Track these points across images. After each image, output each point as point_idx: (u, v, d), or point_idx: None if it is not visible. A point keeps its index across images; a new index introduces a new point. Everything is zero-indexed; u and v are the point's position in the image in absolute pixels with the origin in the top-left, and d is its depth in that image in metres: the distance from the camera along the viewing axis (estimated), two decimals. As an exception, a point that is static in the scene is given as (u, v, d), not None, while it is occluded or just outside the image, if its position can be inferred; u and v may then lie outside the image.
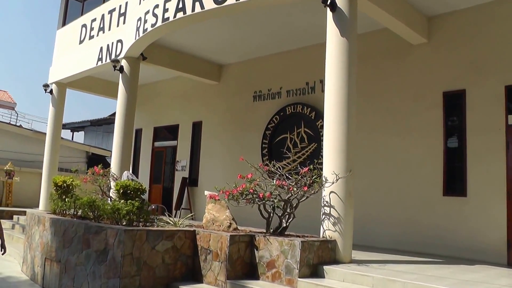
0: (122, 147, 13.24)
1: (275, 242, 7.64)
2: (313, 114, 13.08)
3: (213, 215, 8.99)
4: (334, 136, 8.33)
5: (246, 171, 14.56)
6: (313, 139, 13.07)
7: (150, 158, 18.74)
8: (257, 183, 7.94)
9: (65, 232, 8.32)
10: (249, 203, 7.97)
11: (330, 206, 8.14)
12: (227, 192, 7.78)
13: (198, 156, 16.67)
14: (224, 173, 15.29)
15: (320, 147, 12.78)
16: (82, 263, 7.76)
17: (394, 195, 11.38)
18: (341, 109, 8.37)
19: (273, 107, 14.18)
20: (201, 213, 12.90)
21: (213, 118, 16.22)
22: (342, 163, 8.23)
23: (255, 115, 14.71)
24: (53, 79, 17.43)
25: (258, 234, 8.12)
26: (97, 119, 27.93)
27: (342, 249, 8.09)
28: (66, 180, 10.02)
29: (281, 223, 8.38)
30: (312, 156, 12.82)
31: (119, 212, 7.88)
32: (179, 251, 7.91)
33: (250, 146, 14.61)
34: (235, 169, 14.44)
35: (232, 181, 14.78)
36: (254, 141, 14.50)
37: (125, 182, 8.18)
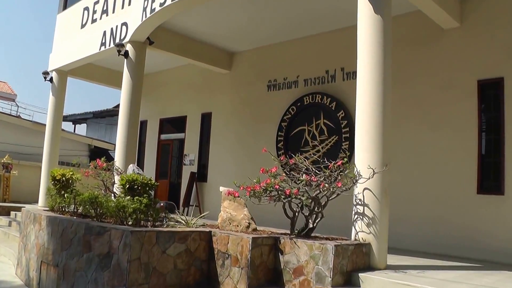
0: (127, 138, 12.31)
1: (303, 245, 6.68)
2: (333, 105, 12.10)
3: (229, 214, 8.02)
4: (369, 127, 7.38)
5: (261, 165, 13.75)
6: (333, 131, 12.09)
7: (156, 152, 17.81)
8: (283, 178, 6.95)
9: (64, 233, 7.36)
10: (273, 200, 7.00)
11: (364, 205, 7.19)
12: (249, 188, 6.80)
13: (207, 149, 15.71)
14: (235, 167, 14.37)
15: (341, 140, 11.82)
16: (83, 268, 6.79)
17: (422, 192, 10.41)
18: (376, 96, 7.44)
19: (290, 97, 13.21)
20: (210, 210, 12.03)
21: (224, 109, 15.25)
22: (378, 157, 7.29)
23: (270, 105, 13.74)
24: (53, 66, 16.48)
25: (283, 236, 7.15)
26: (100, 110, 26.93)
27: (377, 254, 7.16)
28: (65, 174, 9.06)
29: (307, 224, 7.42)
30: (333, 149, 11.87)
31: (125, 210, 6.92)
32: (193, 255, 6.95)
33: (264, 139, 13.65)
34: (247, 163, 13.64)
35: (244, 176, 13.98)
36: (268, 133, 13.55)
37: (132, 176, 7.21)
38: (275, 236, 7.07)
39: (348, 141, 11.59)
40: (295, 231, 7.46)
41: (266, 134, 13.64)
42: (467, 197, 9.92)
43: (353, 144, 11.39)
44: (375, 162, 7.21)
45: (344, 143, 11.70)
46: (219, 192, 14.92)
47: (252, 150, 13.96)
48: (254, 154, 13.87)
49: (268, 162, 13.29)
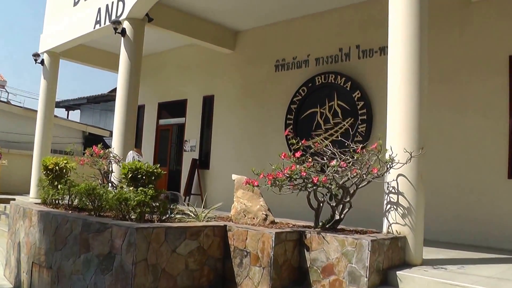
0: (125, 124, 11.41)
1: (333, 241, 5.81)
2: (348, 85, 11.20)
3: (244, 205, 7.14)
4: (405, 106, 6.49)
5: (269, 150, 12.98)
6: (348, 113, 11.20)
7: (154, 138, 16.91)
8: (311, 164, 6.05)
9: (57, 230, 6.45)
10: (296, 189, 6.11)
11: (398, 193, 6.34)
12: (271, 176, 5.90)
13: (209, 134, 14.81)
14: (240, 153, 13.50)
15: (357, 122, 10.94)
16: (80, 271, 5.89)
17: (448, 178, 9.55)
18: (413, 72, 6.54)
19: (299, 78, 12.30)
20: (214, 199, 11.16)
21: (227, 92, 14.32)
22: (414, 139, 6.42)
23: (278, 87, 12.83)
24: (44, 47, 15.51)
25: (308, 230, 6.28)
26: (94, 95, 25.90)
27: (413, 248, 6.34)
28: (58, 162, 8.15)
29: (333, 215, 6.55)
30: (348, 133, 10.95)
31: (127, 203, 6.02)
32: (206, 253, 6.06)
33: (272, 122, 12.77)
34: (253, 149, 12.86)
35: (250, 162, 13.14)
36: (276, 117, 12.65)
37: (135, 164, 6.30)
38: (300, 230, 6.19)
39: (365, 123, 10.71)
40: (320, 224, 6.60)
41: (273, 117, 12.75)
42: (496, 182, 9.11)
43: (370, 127, 10.67)
44: (411, 145, 6.35)
45: (361, 125, 10.82)
46: (223, 180, 14.24)
47: (258, 134, 13.08)
48: (261, 138, 13.02)
49: (277, 146, 12.63)
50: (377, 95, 10.74)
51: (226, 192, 13.14)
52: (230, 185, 13.22)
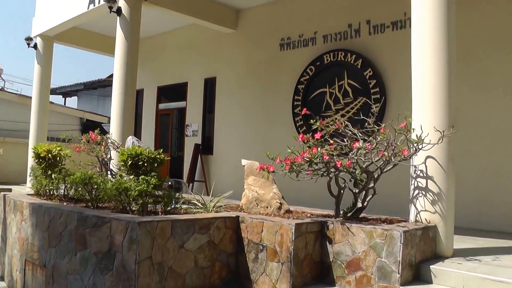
0: (124, 108, 10.76)
1: (360, 232, 5.19)
2: (359, 62, 10.52)
3: (256, 193, 6.51)
4: (433, 81, 5.85)
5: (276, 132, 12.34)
6: (360, 92, 10.54)
7: (154, 123, 16.22)
8: (334, 147, 5.41)
9: (51, 225, 5.81)
10: (316, 175, 5.48)
11: (427, 177, 5.72)
12: (288, 161, 5.25)
13: (212, 118, 14.15)
14: (244, 137, 12.86)
15: (370, 102, 10.26)
16: (77, 270, 5.27)
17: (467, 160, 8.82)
18: (441, 43, 5.90)
19: (307, 56, 11.61)
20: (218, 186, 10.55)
21: (230, 73, 13.62)
22: (443, 117, 5.78)
23: (284, 67, 12.14)
24: (37, 31, 14.84)
25: (330, 220, 5.66)
26: (91, 81, 25.12)
27: (444, 238, 5.74)
28: (51, 150, 7.50)
29: (355, 203, 5.93)
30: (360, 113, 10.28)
31: (128, 193, 5.38)
32: (217, 247, 5.45)
33: (278, 104, 12.11)
34: (258, 133, 12.31)
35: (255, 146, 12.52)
36: (282, 98, 11.98)
37: (135, 149, 5.65)
38: (321, 221, 5.57)
39: (378, 102, 10.05)
40: (341, 212, 5.98)
41: (280, 98, 12.08)
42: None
43: (384, 106, 10.01)
44: (442, 123, 5.72)
45: (374, 105, 10.14)
46: (227, 165, 13.63)
47: (264, 117, 12.44)
48: (267, 121, 12.37)
49: (284, 129, 12.00)
50: (390, 72, 10.10)
51: (231, 178, 12.61)
52: (235, 170, 12.75)
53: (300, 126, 11.46)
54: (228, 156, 13.29)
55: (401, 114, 5.71)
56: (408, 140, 5.63)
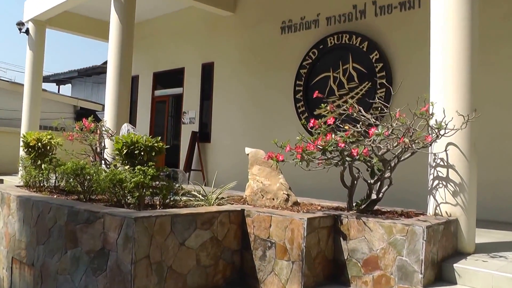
0: (118, 95, 10.29)
1: (378, 227, 4.73)
2: (365, 45, 10.03)
3: (261, 184, 6.05)
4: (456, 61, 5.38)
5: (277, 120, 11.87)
6: (365, 77, 10.05)
7: (150, 110, 15.72)
8: (350, 133, 4.93)
9: (39, 220, 5.33)
10: (329, 164, 5.01)
11: (448, 166, 5.26)
12: (299, 149, 4.78)
13: (210, 105, 13.64)
14: (244, 124, 12.39)
15: (375, 86, 9.80)
16: (67, 270, 4.80)
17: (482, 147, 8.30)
18: (464, 19, 5.41)
19: (309, 39, 11.10)
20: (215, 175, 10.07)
21: (228, 58, 13.10)
22: (467, 100, 5.32)
23: (285, 50, 11.63)
24: (29, 15, 14.32)
25: (343, 214, 5.20)
26: (85, 68, 24.52)
27: (466, 233, 5.30)
28: (41, 138, 7.01)
29: (370, 194, 5.47)
30: (365, 98, 9.84)
31: (123, 185, 4.90)
32: (221, 244, 4.99)
33: (279, 89, 11.62)
34: (258, 119, 11.90)
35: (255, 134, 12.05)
36: (283, 83, 11.48)
37: (131, 137, 5.17)
38: (334, 214, 5.11)
39: (385, 87, 9.57)
40: (354, 205, 5.52)
41: (280, 84, 11.58)
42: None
43: (391, 91, 9.52)
44: (464, 107, 5.26)
45: (380, 90, 9.68)
46: (225, 153, 13.14)
47: (264, 103, 11.95)
48: (267, 107, 11.88)
49: (286, 116, 11.53)
50: (398, 55, 9.62)
51: (229, 167, 12.19)
52: (233, 159, 12.32)
53: (302, 112, 10.99)
54: (226, 144, 12.82)
55: (421, 97, 5.23)
56: (428, 126, 5.16)
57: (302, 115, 10.90)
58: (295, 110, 11.13)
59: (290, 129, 10.78)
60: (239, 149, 12.43)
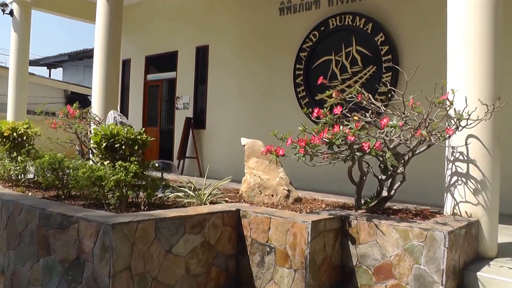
0: (106, 79, 9.60)
1: (392, 231, 4.17)
2: (369, 27, 9.40)
3: (259, 178, 5.48)
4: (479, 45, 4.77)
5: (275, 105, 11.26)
6: (370, 60, 9.44)
7: (143, 95, 15.04)
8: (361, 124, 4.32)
9: (10, 221, 4.73)
10: (336, 159, 4.43)
11: (468, 161, 4.69)
12: (303, 142, 4.19)
13: (204, 90, 13.01)
14: (240, 110, 11.78)
15: (381, 70, 9.20)
16: (40, 280, 4.21)
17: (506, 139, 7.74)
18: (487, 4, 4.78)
19: (309, 21, 10.46)
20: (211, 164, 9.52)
21: (224, 41, 12.44)
22: (490, 88, 4.75)
23: (284, 33, 10.99)
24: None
25: (351, 214, 4.63)
26: (76, 51, 23.81)
27: (488, 236, 4.79)
28: (16, 128, 6.41)
29: (380, 191, 4.90)
30: (370, 83, 9.26)
31: (102, 183, 4.31)
32: (214, 249, 4.41)
33: (278, 73, 11.00)
34: (255, 105, 11.37)
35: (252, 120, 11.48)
36: (282, 67, 10.86)
37: (111, 128, 4.57)
38: (341, 215, 4.53)
39: (391, 72, 8.97)
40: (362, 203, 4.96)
41: (280, 68, 10.96)
42: None
43: (397, 75, 8.94)
44: (487, 96, 4.69)
45: (385, 74, 9.09)
46: (220, 140, 12.50)
47: (262, 88, 11.34)
48: (265, 93, 11.27)
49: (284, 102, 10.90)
50: (405, 37, 9.01)
51: (225, 155, 11.64)
52: (229, 146, 11.71)
53: (302, 98, 10.40)
54: (222, 130, 12.22)
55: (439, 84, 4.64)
56: (447, 116, 4.58)
57: (302, 100, 10.33)
58: (295, 95, 10.53)
59: (289, 114, 10.26)
60: (235, 136, 11.81)
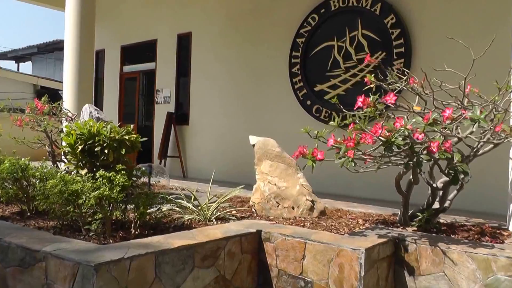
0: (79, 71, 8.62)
1: (466, 260, 3.14)
2: (377, 7, 8.37)
3: (275, 186, 4.40)
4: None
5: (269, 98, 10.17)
6: (378, 45, 8.39)
7: (118, 89, 13.84)
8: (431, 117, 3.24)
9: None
10: (386, 163, 3.37)
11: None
12: (351, 142, 3.12)
13: (187, 82, 11.87)
14: (228, 104, 10.65)
15: (391, 57, 8.19)
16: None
17: None
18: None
19: (307, 3, 9.37)
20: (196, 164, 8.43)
21: (209, 27, 11.30)
22: None
23: (278, 16, 9.89)
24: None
25: (403, 233, 3.59)
26: (45, 43, 22.42)
27: None
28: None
29: (433, 202, 3.88)
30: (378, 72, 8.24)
31: (78, 201, 3.19)
32: (230, 285, 3.32)
33: (271, 62, 9.90)
34: (245, 98, 10.24)
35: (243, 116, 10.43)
36: (276, 54, 9.77)
37: (89, 125, 3.44)
38: (393, 236, 3.49)
39: (403, 58, 7.96)
40: (410, 217, 3.92)
41: (273, 56, 9.87)
42: None
43: (409, 61, 7.96)
44: None
45: (397, 61, 8.07)
46: (206, 137, 11.42)
47: (253, 78, 10.24)
48: (256, 84, 10.17)
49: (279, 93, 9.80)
50: (419, 19, 7.98)
51: (210, 153, 10.60)
52: (215, 144, 10.52)
53: (299, 89, 9.34)
54: (207, 126, 11.11)
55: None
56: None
57: (299, 92, 9.28)
58: (291, 86, 9.46)
59: (285, 107, 9.27)
60: (222, 132, 10.82)
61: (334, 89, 8.92)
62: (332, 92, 8.92)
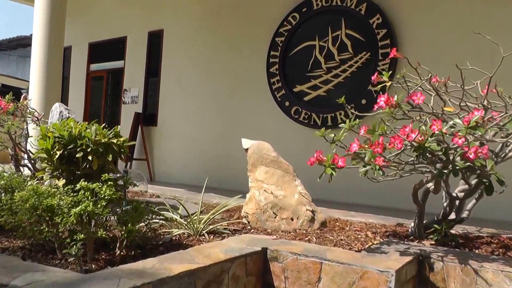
0: (48, 69, 8.44)
1: (503, 280, 2.79)
2: (363, 7, 8.09)
3: (271, 195, 3.98)
4: None
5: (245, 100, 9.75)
6: (363, 46, 8.11)
7: (85, 88, 13.28)
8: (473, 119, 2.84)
9: None
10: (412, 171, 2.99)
11: None
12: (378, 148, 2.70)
13: (157, 81, 11.39)
14: (200, 104, 10.23)
15: (376, 57, 7.91)
16: None
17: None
18: None
19: (288, 1, 9.06)
20: (164, 167, 7.94)
21: (182, 25, 10.86)
22: None
23: (256, 14, 9.54)
24: None
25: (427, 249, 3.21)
26: (8, 39, 21.60)
27: None
28: None
29: (450, 212, 3.52)
30: (362, 73, 7.97)
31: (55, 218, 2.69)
32: (233, 314, 2.87)
33: (248, 62, 9.54)
34: (219, 98, 9.94)
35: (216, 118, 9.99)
36: (254, 54, 9.41)
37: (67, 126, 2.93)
38: (416, 253, 3.10)
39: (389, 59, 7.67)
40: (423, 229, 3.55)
41: (250, 55, 9.50)
42: None
43: (395, 62, 7.67)
44: None
45: (382, 62, 7.78)
46: (175, 139, 10.89)
47: (228, 78, 9.85)
48: (232, 84, 9.77)
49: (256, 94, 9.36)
50: (406, 19, 7.74)
51: (179, 156, 10.21)
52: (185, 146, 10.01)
53: (277, 89, 8.99)
54: (177, 127, 10.65)
55: None
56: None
57: (277, 92, 8.95)
58: (268, 86, 9.09)
59: (262, 109, 9.04)
60: (195, 134, 10.35)
61: (315, 90, 8.62)
62: (312, 93, 8.62)
